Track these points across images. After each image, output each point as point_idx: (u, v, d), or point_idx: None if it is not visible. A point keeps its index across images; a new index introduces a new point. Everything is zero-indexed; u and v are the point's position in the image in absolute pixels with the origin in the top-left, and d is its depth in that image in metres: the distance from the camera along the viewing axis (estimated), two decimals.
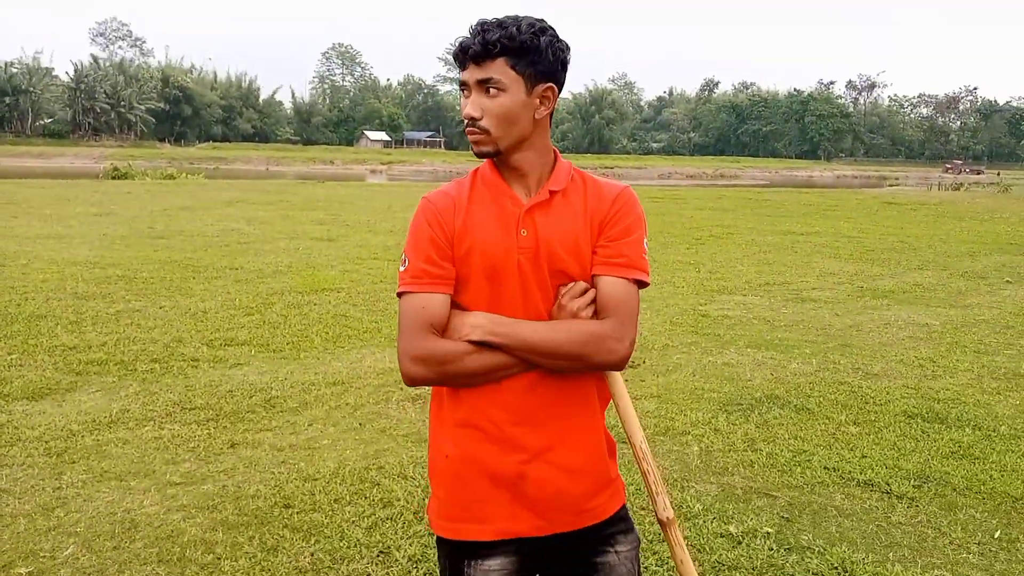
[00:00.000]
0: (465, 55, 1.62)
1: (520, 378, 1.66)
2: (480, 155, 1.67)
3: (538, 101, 1.64)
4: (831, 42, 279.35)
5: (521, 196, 1.69)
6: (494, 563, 1.71)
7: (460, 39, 1.63)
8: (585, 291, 1.67)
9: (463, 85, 1.65)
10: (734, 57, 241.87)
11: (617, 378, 1.75)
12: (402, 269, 1.68)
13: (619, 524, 1.78)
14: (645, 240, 1.72)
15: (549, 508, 1.71)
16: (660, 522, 1.75)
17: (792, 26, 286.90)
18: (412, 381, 1.67)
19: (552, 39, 1.62)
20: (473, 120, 1.64)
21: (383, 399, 5.22)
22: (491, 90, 1.61)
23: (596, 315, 1.66)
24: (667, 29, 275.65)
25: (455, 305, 1.68)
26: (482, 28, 1.60)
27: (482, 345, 1.62)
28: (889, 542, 3.46)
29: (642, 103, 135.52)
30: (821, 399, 5.32)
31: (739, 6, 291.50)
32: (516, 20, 1.60)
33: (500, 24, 1.60)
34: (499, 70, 1.60)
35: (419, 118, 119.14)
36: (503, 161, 1.69)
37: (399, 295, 1.69)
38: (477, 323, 1.64)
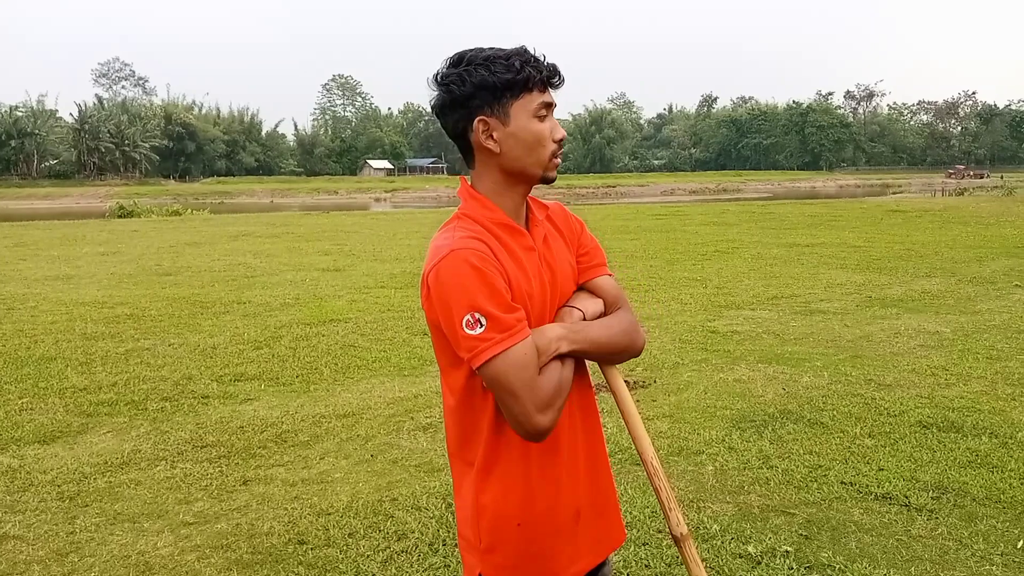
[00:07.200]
0: (553, 78, 1.65)
1: (564, 411, 1.65)
2: (553, 181, 1.69)
3: None
4: (827, 53, 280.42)
5: (520, 226, 1.70)
6: None
7: (530, 58, 1.61)
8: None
9: (549, 106, 1.64)
10: (731, 72, 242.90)
11: (627, 397, 1.75)
12: (479, 332, 1.50)
13: None
14: None
15: (600, 538, 1.77)
16: (674, 538, 1.74)
17: (788, 38, 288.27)
18: (546, 432, 1.55)
19: None
20: (562, 142, 1.68)
21: (394, 429, 5.20)
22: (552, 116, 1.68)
23: (605, 310, 1.75)
24: (664, 47, 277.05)
25: None
26: (542, 57, 1.64)
27: (565, 356, 1.62)
28: (910, 556, 3.42)
29: (642, 121, 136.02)
30: (835, 412, 5.28)
31: (734, 21, 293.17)
32: None
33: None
34: None
35: (421, 145, 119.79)
36: (529, 188, 1.70)
37: (490, 359, 1.51)
38: (560, 335, 1.61)
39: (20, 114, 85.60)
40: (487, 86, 1.58)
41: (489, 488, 1.65)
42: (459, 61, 1.62)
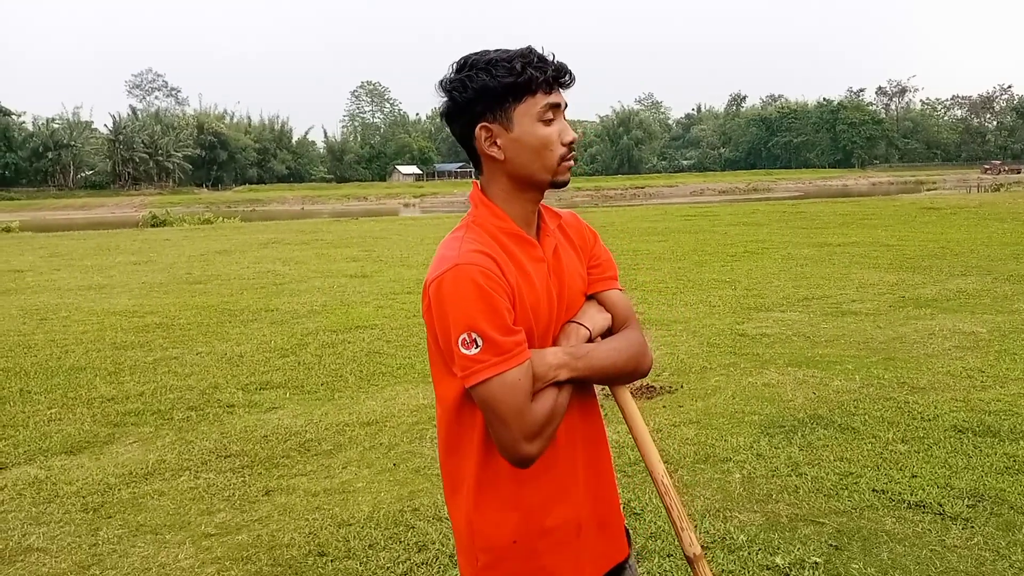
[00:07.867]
0: (561, 77, 1.59)
1: (563, 423, 1.60)
2: (565, 185, 1.63)
3: None
4: (858, 49, 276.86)
5: (530, 236, 1.65)
6: None
7: (533, 59, 1.55)
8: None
9: (556, 107, 1.58)
10: (760, 70, 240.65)
11: (635, 412, 1.70)
12: (474, 352, 1.46)
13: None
14: None
15: (603, 551, 1.71)
16: (688, 559, 1.68)
17: (817, 35, 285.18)
18: (531, 460, 1.51)
19: None
20: (573, 145, 1.62)
21: (417, 437, 5.17)
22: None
23: (613, 326, 1.69)
24: (692, 47, 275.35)
25: None
26: (549, 55, 1.58)
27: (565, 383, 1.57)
28: (945, 567, 3.31)
29: (670, 121, 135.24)
30: (866, 417, 5.16)
31: (763, 18, 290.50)
32: None
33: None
34: None
35: (448, 150, 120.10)
36: (540, 194, 1.64)
37: (482, 381, 1.47)
38: (560, 362, 1.55)
39: (56, 126, 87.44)
40: (488, 91, 1.53)
41: (482, 505, 1.60)
42: (463, 66, 1.57)
